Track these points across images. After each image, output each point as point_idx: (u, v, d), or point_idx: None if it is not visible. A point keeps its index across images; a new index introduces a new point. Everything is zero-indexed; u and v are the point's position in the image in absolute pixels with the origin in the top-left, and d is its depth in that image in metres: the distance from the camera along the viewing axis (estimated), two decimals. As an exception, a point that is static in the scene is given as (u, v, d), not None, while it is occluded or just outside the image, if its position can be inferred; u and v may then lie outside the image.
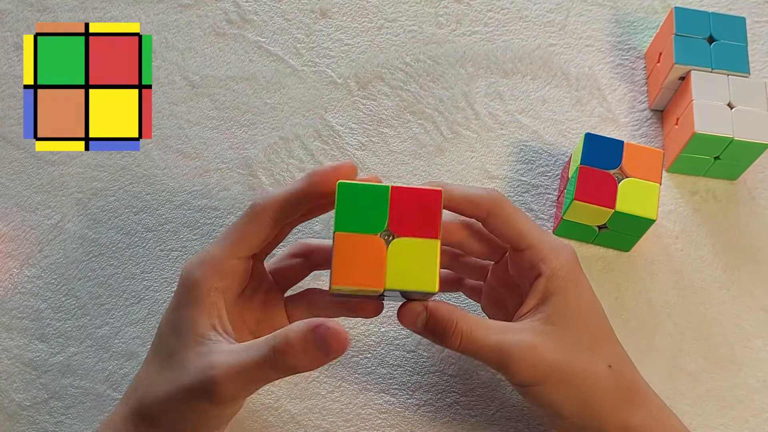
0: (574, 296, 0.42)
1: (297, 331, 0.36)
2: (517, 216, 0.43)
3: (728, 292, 0.55)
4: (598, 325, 0.43)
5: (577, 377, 0.41)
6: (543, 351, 0.41)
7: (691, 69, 0.56)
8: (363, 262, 0.38)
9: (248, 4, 0.64)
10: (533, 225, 0.44)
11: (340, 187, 0.39)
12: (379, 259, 0.38)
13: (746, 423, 0.51)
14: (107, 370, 0.52)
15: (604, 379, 0.42)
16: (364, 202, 0.38)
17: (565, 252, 0.43)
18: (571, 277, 0.42)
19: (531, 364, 0.40)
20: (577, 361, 0.41)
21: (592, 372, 0.42)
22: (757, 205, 0.58)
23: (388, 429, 0.50)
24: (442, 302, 0.42)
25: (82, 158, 0.58)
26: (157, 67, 0.61)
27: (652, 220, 0.51)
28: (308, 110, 0.60)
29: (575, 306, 0.42)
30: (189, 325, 0.40)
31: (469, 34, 0.63)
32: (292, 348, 0.36)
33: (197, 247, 0.55)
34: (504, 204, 0.43)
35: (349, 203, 0.38)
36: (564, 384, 0.41)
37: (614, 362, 0.43)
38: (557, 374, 0.41)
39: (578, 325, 0.42)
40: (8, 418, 0.50)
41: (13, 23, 0.62)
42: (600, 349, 0.42)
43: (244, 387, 0.38)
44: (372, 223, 0.38)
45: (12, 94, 0.60)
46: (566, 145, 0.59)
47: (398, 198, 0.38)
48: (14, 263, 0.54)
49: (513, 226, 0.43)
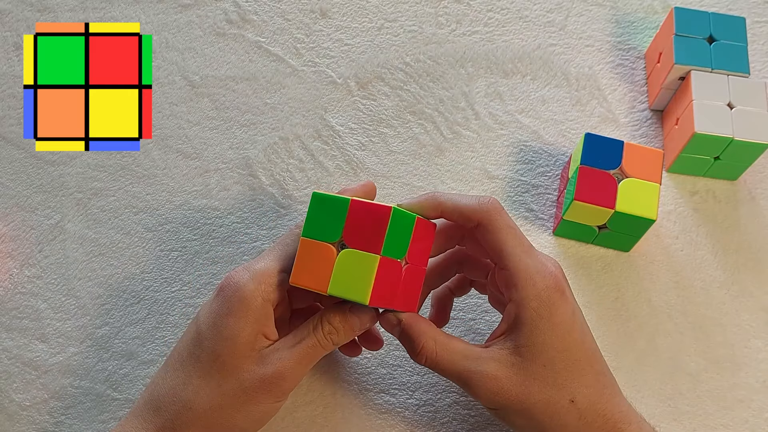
0: (545, 329, 0.41)
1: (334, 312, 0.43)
2: (504, 233, 0.42)
3: (728, 292, 0.55)
4: (570, 359, 0.42)
5: (536, 410, 0.42)
6: (504, 383, 0.42)
7: (691, 69, 0.56)
8: (317, 266, 0.41)
9: (248, 4, 0.64)
10: (519, 243, 0.42)
11: (313, 197, 0.42)
12: (328, 265, 0.41)
13: (746, 423, 0.51)
14: (107, 370, 0.52)
15: (564, 414, 0.42)
16: (328, 212, 0.41)
17: (542, 280, 0.41)
18: (543, 309, 0.41)
19: (492, 392, 0.42)
20: (538, 395, 0.41)
21: (552, 406, 0.42)
22: (757, 205, 0.58)
23: (388, 429, 0.50)
24: (417, 318, 0.43)
25: (82, 158, 0.58)
26: (157, 67, 0.61)
27: (652, 220, 0.51)
28: (308, 110, 0.60)
29: (543, 340, 0.41)
30: (241, 333, 0.42)
31: (469, 34, 0.63)
32: (334, 329, 0.43)
33: (197, 247, 0.55)
34: (493, 217, 0.42)
35: (318, 212, 0.42)
36: (522, 414, 0.42)
37: (580, 397, 0.42)
38: (516, 405, 0.42)
39: (545, 359, 0.41)
40: (8, 418, 0.50)
41: (13, 23, 0.62)
42: (565, 384, 0.42)
43: (301, 374, 0.43)
44: (330, 232, 0.41)
45: (12, 94, 0.60)
46: (566, 145, 0.59)
47: (355, 211, 0.41)
48: (14, 263, 0.54)
49: (496, 243, 0.42)
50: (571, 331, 0.42)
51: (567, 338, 0.42)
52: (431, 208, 0.43)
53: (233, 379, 0.42)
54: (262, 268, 0.43)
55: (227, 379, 0.42)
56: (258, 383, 0.42)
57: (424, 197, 0.44)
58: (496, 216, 0.42)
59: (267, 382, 0.42)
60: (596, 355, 0.43)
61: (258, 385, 0.42)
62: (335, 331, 0.43)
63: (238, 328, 0.42)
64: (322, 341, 0.43)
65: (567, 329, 0.42)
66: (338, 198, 0.41)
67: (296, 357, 0.42)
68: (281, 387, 0.42)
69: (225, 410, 0.42)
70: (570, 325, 0.42)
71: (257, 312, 0.42)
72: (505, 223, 0.43)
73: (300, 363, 0.42)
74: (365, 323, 0.44)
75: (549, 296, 0.41)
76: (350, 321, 0.43)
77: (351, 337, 0.44)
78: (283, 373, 0.42)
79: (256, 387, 0.42)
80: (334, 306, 0.43)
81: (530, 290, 0.41)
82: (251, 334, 0.42)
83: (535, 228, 0.56)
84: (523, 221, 0.57)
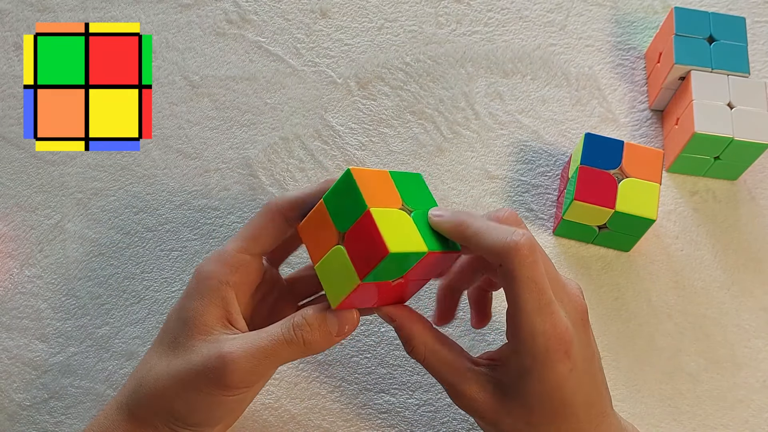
0: (533, 381, 0.39)
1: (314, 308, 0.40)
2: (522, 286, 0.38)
3: (728, 292, 0.55)
4: (551, 408, 0.40)
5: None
6: (480, 405, 0.41)
7: (691, 69, 0.56)
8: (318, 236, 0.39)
9: (248, 4, 0.64)
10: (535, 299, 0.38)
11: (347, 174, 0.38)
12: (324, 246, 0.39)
13: (746, 423, 0.51)
14: (107, 370, 0.52)
15: None
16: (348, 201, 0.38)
17: (544, 342, 0.38)
18: (536, 366, 0.39)
19: (467, 407, 0.42)
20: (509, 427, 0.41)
21: None
22: (757, 205, 0.58)
23: (388, 429, 0.50)
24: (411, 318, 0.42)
25: (82, 158, 0.58)
26: (157, 67, 0.61)
27: (652, 220, 0.51)
28: (308, 110, 0.60)
29: (527, 390, 0.39)
30: (197, 315, 0.40)
31: (469, 34, 0.63)
32: (308, 324, 0.39)
33: (197, 247, 0.55)
34: (515, 265, 0.38)
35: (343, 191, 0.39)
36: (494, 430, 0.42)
37: None
38: (488, 426, 0.42)
39: (524, 402, 0.40)
40: (8, 418, 0.50)
41: (13, 23, 0.62)
42: (539, 426, 0.40)
43: (254, 369, 0.39)
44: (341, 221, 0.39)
45: (12, 94, 0.60)
46: (566, 145, 0.59)
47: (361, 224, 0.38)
48: (14, 263, 0.54)
49: (511, 293, 0.39)
50: (562, 387, 0.39)
51: (554, 393, 0.40)
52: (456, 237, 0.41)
53: (182, 358, 0.40)
54: (222, 249, 0.42)
55: (177, 358, 0.40)
56: (201, 365, 0.39)
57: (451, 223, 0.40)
58: (519, 263, 0.38)
59: (209, 367, 0.38)
60: (590, 405, 0.41)
61: (201, 367, 0.39)
62: (308, 326, 0.39)
63: (196, 310, 0.40)
64: (287, 334, 0.39)
65: (557, 385, 0.39)
66: (360, 198, 0.38)
67: (249, 346, 0.39)
68: (225, 377, 0.38)
69: (167, 391, 0.40)
70: (562, 382, 0.39)
71: (213, 294, 0.41)
72: (526, 274, 0.38)
73: (252, 355, 0.39)
74: (343, 328, 0.40)
75: (546, 358, 0.39)
76: (329, 321, 0.40)
77: (327, 340, 0.40)
78: (227, 359, 0.38)
79: (198, 369, 0.39)
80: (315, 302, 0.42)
81: (528, 347, 0.39)
82: (209, 317, 0.40)
83: (535, 228, 0.56)
84: (523, 221, 0.57)
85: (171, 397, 0.40)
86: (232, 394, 0.40)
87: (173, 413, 0.40)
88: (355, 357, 0.52)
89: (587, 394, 0.40)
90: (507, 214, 0.41)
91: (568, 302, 0.40)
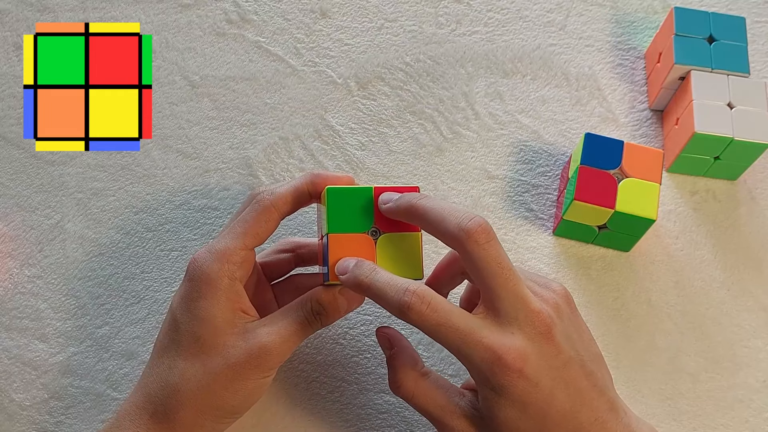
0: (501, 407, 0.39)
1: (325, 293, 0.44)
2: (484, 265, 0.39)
3: (728, 292, 0.55)
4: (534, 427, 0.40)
5: None
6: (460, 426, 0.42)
7: (691, 69, 0.56)
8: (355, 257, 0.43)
9: (248, 4, 0.64)
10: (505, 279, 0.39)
11: (329, 192, 0.43)
12: (369, 254, 0.43)
13: (746, 423, 0.51)
14: (107, 370, 0.52)
15: None
16: (351, 204, 0.43)
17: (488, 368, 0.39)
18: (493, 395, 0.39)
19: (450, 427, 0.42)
20: None
21: None
22: (757, 205, 0.58)
23: (388, 429, 0.50)
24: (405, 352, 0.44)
25: (82, 158, 0.58)
26: (157, 67, 0.61)
27: (652, 220, 0.51)
28: (308, 110, 0.60)
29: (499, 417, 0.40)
30: (218, 314, 0.43)
31: (469, 34, 0.63)
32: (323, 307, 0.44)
33: (197, 247, 0.55)
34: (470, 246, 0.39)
35: (339, 206, 0.43)
36: None
37: None
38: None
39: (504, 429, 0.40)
40: (8, 418, 0.50)
41: (13, 23, 0.62)
42: None
43: (288, 349, 0.43)
44: (360, 223, 0.43)
45: (12, 94, 0.60)
46: (566, 145, 0.59)
47: None
48: (14, 263, 0.54)
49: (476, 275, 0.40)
50: (527, 407, 0.39)
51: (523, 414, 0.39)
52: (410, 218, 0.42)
53: (218, 356, 0.42)
54: (224, 247, 0.43)
55: (212, 358, 0.42)
56: (244, 358, 0.42)
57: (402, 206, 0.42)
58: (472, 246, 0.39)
59: (254, 356, 0.42)
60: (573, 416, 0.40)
61: (244, 359, 0.42)
62: (324, 310, 0.44)
63: (212, 309, 0.43)
64: (309, 318, 0.44)
65: (522, 407, 0.39)
66: (360, 189, 0.43)
67: (283, 331, 0.43)
68: (268, 361, 0.43)
69: (213, 389, 0.42)
70: (526, 402, 0.39)
71: (226, 292, 0.43)
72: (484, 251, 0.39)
73: (286, 339, 0.43)
74: (352, 305, 0.45)
75: (497, 384, 0.39)
76: (339, 301, 0.44)
77: (337, 317, 0.45)
78: (268, 346, 0.42)
79: (242, 362, 0.42)
80: (323, 287, 0.44)
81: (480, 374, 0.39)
82: (228, 313, 0.43)
83: (535, 228, 0.56)
84: (523, 221, 0.57)
85: (218, 392, 0.42)
86: (271, 375, 0.44)
87: (222, 407, 0.43)
88: (355, 357, 0.52)
89: (564, 406, 0.39)
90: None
91: (523, 318, 0.39)
